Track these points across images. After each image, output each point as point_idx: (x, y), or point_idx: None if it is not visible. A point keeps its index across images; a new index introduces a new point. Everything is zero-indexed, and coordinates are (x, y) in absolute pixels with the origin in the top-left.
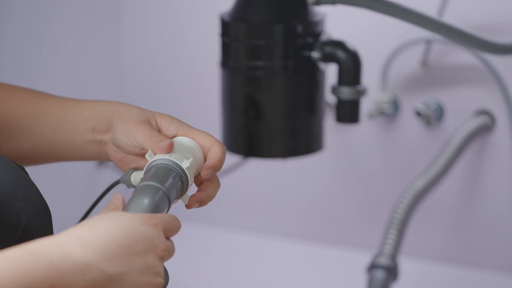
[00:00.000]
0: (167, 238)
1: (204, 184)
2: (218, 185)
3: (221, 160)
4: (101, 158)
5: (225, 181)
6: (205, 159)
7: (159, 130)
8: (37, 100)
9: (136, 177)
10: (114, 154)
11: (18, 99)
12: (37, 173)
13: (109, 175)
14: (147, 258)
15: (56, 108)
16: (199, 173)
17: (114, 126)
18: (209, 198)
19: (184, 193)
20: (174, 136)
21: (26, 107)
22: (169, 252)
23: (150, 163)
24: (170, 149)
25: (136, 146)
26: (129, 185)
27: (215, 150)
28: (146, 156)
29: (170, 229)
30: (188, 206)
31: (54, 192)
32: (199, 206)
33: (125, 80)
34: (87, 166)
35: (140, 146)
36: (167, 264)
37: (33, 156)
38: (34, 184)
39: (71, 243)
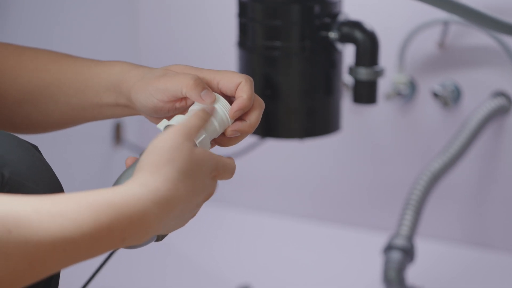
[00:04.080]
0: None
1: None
2: (259, 108)
3: (250, 99)
4: (135, 115)
5: (242, 162)
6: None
7: None
8: (55, 68)
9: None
10: (148, 113)
11: (37, 68)
12: (51, 153)
13: (125, 154)
14: (200, 197)
15: (74, 77)
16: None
17: (133, 97)
18: (251, 126)
19: None
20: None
21: (46, 77)
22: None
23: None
24: (213, 103)
25: (169, 100)
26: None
27: (242, 88)
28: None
29: (226, 171)
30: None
31: (68, 172)
32: (240, 136)
33: (142, 62)
34: (103, 146)
35: (175, 95)
36: (183, 241)
37: (65, 122)
38: (48, 164)
39: (145, 201)
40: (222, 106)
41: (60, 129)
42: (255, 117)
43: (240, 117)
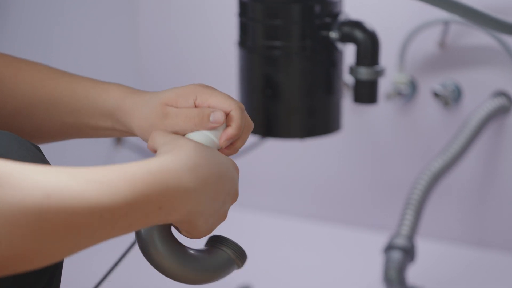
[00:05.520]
0: None
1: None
2: (247, 132)
3: (239, 128)
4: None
5: (242, 161)
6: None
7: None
8: (51, 85)
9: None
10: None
11: (32, 83)
12: (52, 153)
13: (127, 154)
14: (227, 198)
15: (70, 98)
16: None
17: (137, 132)
18: (235, 149)
19: None
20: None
21: (41, 93)
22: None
23: None
24: (224, 122)
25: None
26: None
27: (233, 117)
28: None
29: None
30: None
31: None
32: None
33: (142, 61)
34: (104, 146)
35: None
36: (183, 241)
37: (63, 134)
38: (50, 164)
39: (183, 173)
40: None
41: (57, 141)
42: (241, 142)
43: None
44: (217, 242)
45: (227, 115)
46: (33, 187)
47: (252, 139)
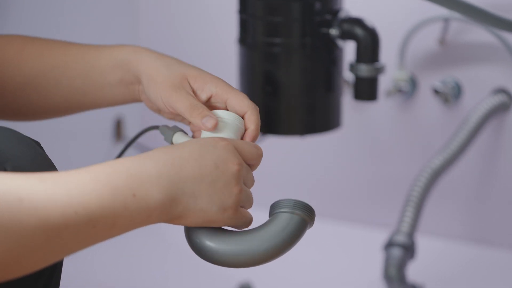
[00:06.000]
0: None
1: None
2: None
3: (258, 129)
4: (135, 102)
5: None
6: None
7: (193, 93)
8: (60, 53)
9: (178, 140)
10: (150, 106)
11: (41, 54)
12: (53, 149)
13: (127, 151)
14: (218, 170)
15: (79, 60)
16: None
17: (146, 87)
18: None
19: None
20: (210, 98)
21: (50, 61)
22: (244, 171)
23: None
24: (215, 127)
25: (173, 113)
26: (169, 142)
27: (250, 118)
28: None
29: (245, 152)
30: None
31: (69, 169)
32: None
33: None
34: (104, 142)
35: (180, 114)
36: (184, 239)
37: (65, 107)
38: (50, 160)
39: (145, 159)
40: (232, 118)
41: (59, 116)
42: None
43: None
44: (276, 207)
45: (243, 116)
46: (4, 192)
47: None
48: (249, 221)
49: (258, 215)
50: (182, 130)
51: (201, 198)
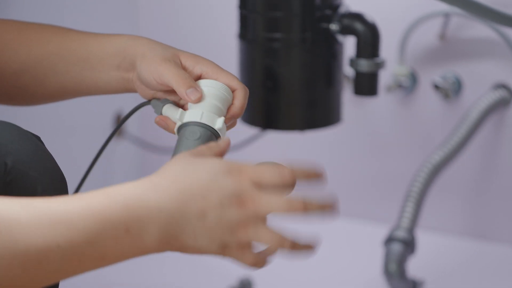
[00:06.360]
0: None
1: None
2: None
3: (242, 108)
4: (129, 91)
5: (243, 154)
6: None
7: (184, 69)
8: (58, 39)
9: (168, 111)
10: (143, 92)
11: (39, 40)
12: (52, 145)
13: (126, 146)
14: (222, 208)
15: (78, 46)
16: None
17: (138, 66)
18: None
19: None
20: (199, 77)
21: (48, 47)
22: (262, 206)
23: (181, 124)
24: (199, 100)
25: (162, 84)
26: (158, 113)
27: (237, 95)
28: (176, 117)
29: (265, 178)
30: None
31: (69, 164)
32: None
33: None
34: (104, 137)
35: (167, 85)
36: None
37: (61, 94)
38: (50, 153)
39: (148, 189)
40: (219, 88)
41: (54, 102)
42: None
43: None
44: None
45: (233, 91)
46: None
47: (252, 131)
48: (261, 263)
49: None
50: (171, 102)
51: (201, 237)
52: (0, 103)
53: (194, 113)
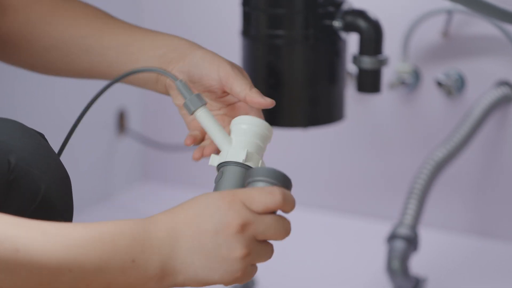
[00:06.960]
0: (262, 213)
1: None
2: None
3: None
4: (157, 90)
5: None
6: None
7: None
8: (99, 22)
9: (201, 117)
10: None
11: (75, 18)
12: (56, 140)
13: (129, 143)
14: (218, 237)
15: (121, 32)
16: None
17: (192, 56)
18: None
19: None
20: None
21: (85, 28)
22: (258, 231)
23: (223, 162)
24: (272, 105)
25: (218, 80)
26: (191, 113)
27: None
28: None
29: (256, 202)
30: None
31: (73, 161)
32: None
33: None
34: (107, 134)
35: (223, 80)
36: None
37: (88, 73)
38: (53, 151)
39: (149, 224)
40: (260, 126)
41: (77, 78)
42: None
43: None
44: (253, 175)
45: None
46: (2, 240)
47: None
48: (254, 273)
49: None
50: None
51: (202, 268)
52: (18, 66)
53: (238, 153)
